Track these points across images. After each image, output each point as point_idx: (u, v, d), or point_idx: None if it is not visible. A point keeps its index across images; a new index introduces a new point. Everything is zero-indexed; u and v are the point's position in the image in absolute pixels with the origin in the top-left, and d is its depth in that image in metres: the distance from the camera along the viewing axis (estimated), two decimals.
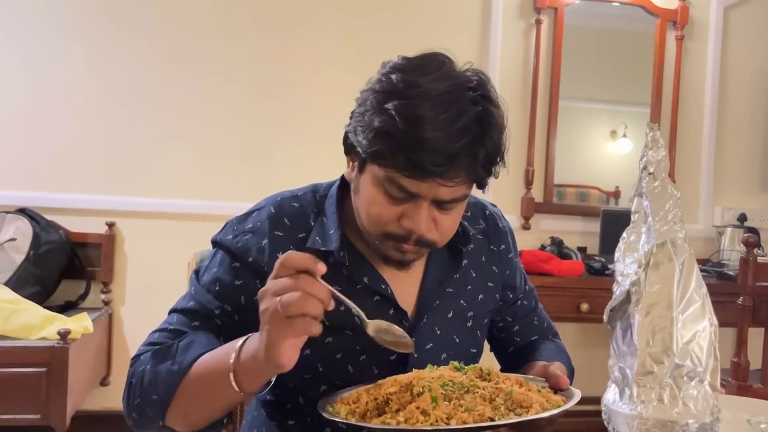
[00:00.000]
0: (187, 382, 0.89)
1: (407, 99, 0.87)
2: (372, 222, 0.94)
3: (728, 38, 3.32)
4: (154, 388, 0.91)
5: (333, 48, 2.93)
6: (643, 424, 0.70)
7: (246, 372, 0.84)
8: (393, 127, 0.86)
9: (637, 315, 0.72)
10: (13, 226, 2.60)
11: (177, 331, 0.97)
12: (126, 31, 2.82)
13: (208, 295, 0.99)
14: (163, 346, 0.94)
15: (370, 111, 0.90)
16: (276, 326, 0.77)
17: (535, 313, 1.22)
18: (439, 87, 0.87)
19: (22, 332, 2.29)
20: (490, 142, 0.90)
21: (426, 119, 0.85)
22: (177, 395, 0.89)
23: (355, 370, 1.00)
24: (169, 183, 2.85)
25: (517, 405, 0.82)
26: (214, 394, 0.88)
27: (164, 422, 0.91)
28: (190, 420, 0.92)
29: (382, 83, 0.91)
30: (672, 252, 0.72)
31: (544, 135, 3.15)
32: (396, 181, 0.89)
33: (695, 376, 0.70)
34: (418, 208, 0.91)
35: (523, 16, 3.12)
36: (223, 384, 0.85)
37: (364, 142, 0.90)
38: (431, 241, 0.95)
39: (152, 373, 0.92)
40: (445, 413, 0.79)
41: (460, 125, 0.86)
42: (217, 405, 0.90)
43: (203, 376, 0.88)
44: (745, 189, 3.37)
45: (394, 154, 0.87)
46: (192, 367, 0.89)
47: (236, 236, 1.01)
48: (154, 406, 0.91)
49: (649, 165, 0.77)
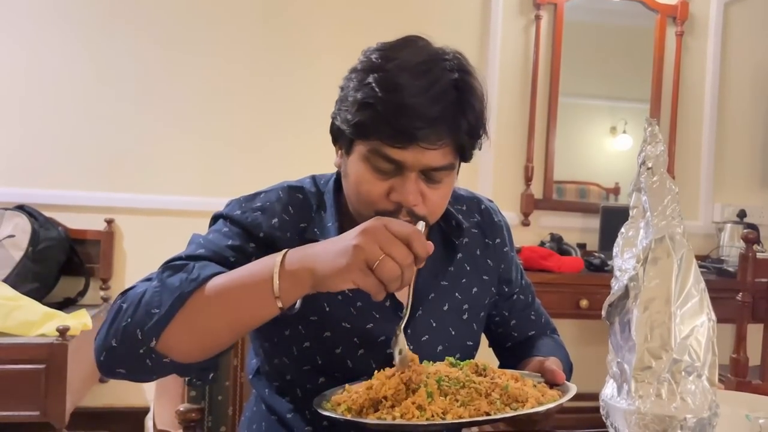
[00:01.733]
0: (205, 292, 0.84)
1: (385, 71, 0.90)
2: (362, 201, 0.95)
3: (728, 34, 3.32)
4: (158, 300, 0.84)
5: (332, 43, 2.93)
6: (641, 419, 0.69)
7: (286, 278, 0.81)
8: (374, 97, 0.89)
9: (635, 310, 0.72)
10: (11, 223, 2.59)
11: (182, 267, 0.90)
12: (124, 27, 2.82)
13: (221, 246, 0.96)
14: (173, 264, 0.90)
15: (353, 90, 0.92)
16: (356, 267, 0.76)
17: (532, 308, 1.23)
18: (415, 58, 0.92)
19: (21, 329, 2.29)
20: (470, 109, 0.92)
21: (404, 86, 0.88)
22: (186, 307, 0.84)
23: (354, 364, 1.01)
24: (167, 179, 2.85)
25: (512, 399, 0.82)
26: (238, 304, 0.84)
27: (157, 342, 0.83)
28: (191, 341, 0.85)
29: (362, 63, 0.94)
30: (670, 247, 0.72)
31: (544, 131, 3.15)
32: (381, 152, 0.91)
33: (693, 371, 0.70)
34: (405, 181, 0.92)
35: (523, 12, 3.12)
36: (254, 290, 0.82)
37: (348, 117, 0.92)
38: (421, 215, 0.95)
39: (158, 287, 0.86)
40: (441, 408, 0.79)
41: (438, 89, 0.90)
42: (232, 320, 0.85)
43: (229, 284, 0.84)
44: (745, 185, 3.37)
45: (377, 124, 0.89)
46: (211, 279, 0.85)
47: (245, 212, 1.01)
48: (153, 320, 0.83)
49: (648, 160, 0.77)
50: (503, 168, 3.07)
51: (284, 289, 0.81)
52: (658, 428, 0.69)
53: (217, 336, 0.87)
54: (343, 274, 0.78)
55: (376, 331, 1.01)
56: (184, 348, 0.85)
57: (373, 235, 0.78)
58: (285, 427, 1.06)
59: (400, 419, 0.78)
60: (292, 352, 1.02)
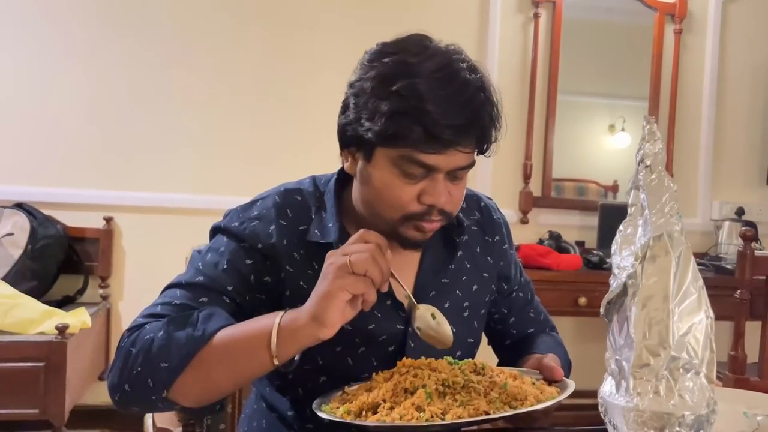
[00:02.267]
0: (210, 349, 0.88)
1: (409, 78, 0.89)
2: (390, 206, 0.95)
3: (727, 32, 3.32)
4: (167, 354, 0.87)
5: (331, 41, 2.93)
6: (640, 416, 0.70)
7: (285, 335, 0.85)
8: (405, 106, 0.89)
9: (633, 307, 0.72)
10: (10, 221, 2.59)
11: (184, 305, 0.95)
12: (124, 26, 2.81)
13: (216, 270, 0.98)
14: (180, 315, 0.92)
15: (373, 97, 0.91)
16: (338, 279, 0.83)
17: (531, 305, 1.23)
18: (432, 63, 0.91)
19: (20, 327, 2.29)
20: (492, 106, 0.94)
21: (435, 93, 0.89)
22: (193, 362, 0.87)
23: (355, 363, 1.01)
24: (166, 178, 2.85)
25: (511, 398, 0.83)
26: (240, 361, 0.88)
27: (168, 392, 0.88)
28: (200, 393, 0.90)
29: (376, 68, 0.92)
30: (668, 244, 0.72)
31: (543, 129, 3.15)
32: (414, 158, 0.91)
33: (691, 369, 0.70)
34: (435, 183, 0.93)
35: (522, 10, 3.12)
36: (254, 349, 0.86)
37: (376, 127, 0.90)
38: (449, 212, 0.97)
39: (165, 339, 0.88)
40: (440, 408, 0.79)
41: (468, 95, 0.91)
42: (236, 375, 0.90)
43: (231, 343, 0.88)
44: (743, 183, 3.37)
45: (413, 131, 0.89)
46: (216, 334, 0.89)
47: (242, 223, 1.01)
48: (162, 373, 0.87)
49: (646, 158, 0.77)
50: (502, 166, 3.07)
51: (280, 347, 0.86)
52: (657, 425, 0.69)
53: (222, 387, 0.92)
54: (335, 290, 0.84)
55: (377, 331, 1.01)
56: (192, 398, 0.91)
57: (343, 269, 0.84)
58: (286, 425, 1.07)
59: (399, 421, 0.78)
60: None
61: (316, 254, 0.99)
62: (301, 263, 1.00)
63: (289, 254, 1.00)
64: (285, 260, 0.99)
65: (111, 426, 2.75)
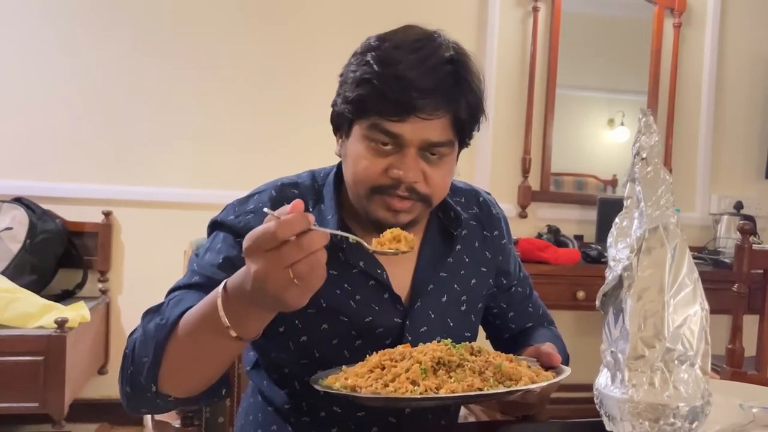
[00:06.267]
0: (177, 337, 0.84)
1: (382, 50, 0.93)
2: (359, 178, 0.96)
3: (726, 26, 3.31)
4: (145, 348, 0.86)
5: (330, 35, 2.92)
6: (635, 407, 0.70)
7: (239, 311, 0.77)
8: (370, 72, 0.92)
9: (629, 300, 0.72)
10: (9, 215, 2.59)
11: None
12: (121, 20, 2.80)
13: (212, 268, 0.98)
14: (154, 306, 0.92)
15: (351, 71, 0.95)
16: (290, 291, 0.71)
17: (530, 300, 1.23)
18: (410, 36, 0.95)
19: (19, 321, 2.30)
20: (466, 84, 0.95)
21: (400, 60, 0.91)
22: (167, 352, 0.84)
23: (351, 355, 1.01)
24: (165, 172, 2.85)
25: (506, 378, 0.83)
26: (207, 343, 0.82)
27: (157, 387, 0.86)
28: (183, 381, 0.87)
29: (361, 47, 0.98)
30: (664, 237, 0.73)
31: (541, 123, 3.15)
32: (380, 127, 0.93)
33: (686, 360, 0.70)
34: (404, 157, 0.93)
35: (520, 4, 3.11)
36: (216, 330, 0.78)
37: (348, 95, 0.94)
38: (423, 193, 0.96)
39: (143, 334, 0.88)
40: (434, 383, 0.80)
41: (433, 62, 0.92)
42: (210, 358, 0.84)
43: (190, 328, 0.83)
44: (741, 177, 3.38)
45: (375, 98, 0.91)
46: (180, 319, 0.85)
47: (238, 216, 1.02)
48: (145, 369, 0.85)
49: (642, 150, 0.77)
50: (500, 160, 3.07)
51: (237, 324, 0.78)
52: (651, 417, 0.69)
53: (203, 373, 0.87)
54: (285, 295, 0.72)
55: (374, 323, 1.02)
56: (180, 388, 0.87)
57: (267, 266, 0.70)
58: (282, 418, 1.07)
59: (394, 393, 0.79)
60: (289, 347, 1.03)
61: None
62: None
63: None
64: None
65: (110, 420, 2.76)
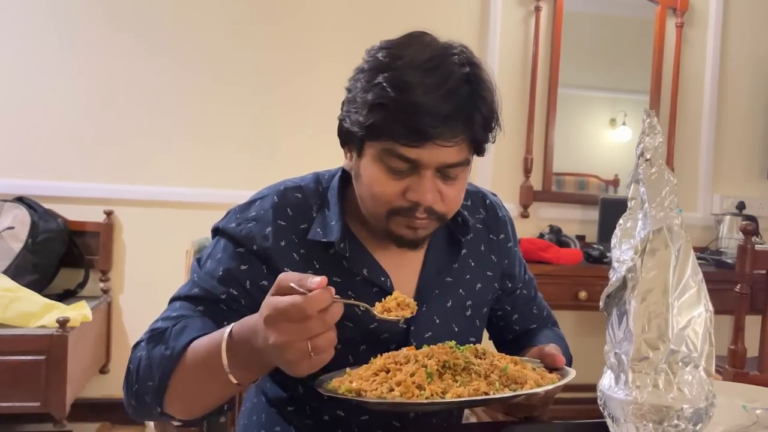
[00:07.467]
0: (182, 368, 0.86)
1: (394, 70, 0.88)
2: (377, 201, 0.94)
3: (728, 25, 3.31)
4: (150, 373, 0.88)
5: (331, 37, 2.91)
6: (638, 409, 0.70)
7: (242, 362, 0.81)
8: (385, 97, 0.88)
9: (633, 301, 0.72)
10: (11, 215, 2.59)
11: (181, 317, 0.95)
12: (123, 20, 2.80)
13: (212, 280, 0.97)
14: (158, 331, 0.92)
15: (361, 90, 0.91)
16: (304, 362, 0.76)
17: (534, 302, 1.23)
18: (422, 55, 0.90)
19: (21, 320, 2.30)
20: (482, 102, 0.91)
21: (415, 84, 0.87)
22: (172, 381, 0.87)
23: (355, 360, 1.00)
24: (166, 171, 2.85)
25: (512, 381, 0.83)
26: (209, 381, 0.85)
27: (162, 409, 0.89)
28: (187, 407, 0.89)
29: (369, 63, 0.93)
30: (668, 238, 0.72)
31: (543, 123, 3.14)
32: (395, 152, 0.90)
33: (690, 362, 0.70)
34: (421, 179, 0.91)
35: (523, 3, 3.11)
36: (217, 372, 0.82)
37: (360, 119, 0.90)
38: (441, 212, 0.95)
39: (147, 358, 0.90)
40: (440, 388, 0.79)
41: (450, 86, 0.88)
42: (212, 392, 0.87)
43: (195, 366, 0.85)
44: (744, 177, 3.37)
45: (391, 123, 0.88)
46: (185, 351, 0.87)
47: (239, 224, 1.01)
48: (151, 392, 0.88)
49: (646, 151, 0.77)
50: (502, 160, 3.07)
51: (239, 374, 0.82)
52: (655, 418, 0.69)
53: (207, 402, 0.89)
54: (295, 371, 0.77)
55: (379, 329, 1.01)
56: (185, 413, 0.90)
57: (286, 332, 0.74)
58: (285, 420, 1.07)
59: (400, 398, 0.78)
60: None
61: (317, 253, 1.00)
62: (301, 263, 0.99)
63: (287, 256, 0.99)
64: (282, 262, 0.98)
65: (112, 419, 2.76)
